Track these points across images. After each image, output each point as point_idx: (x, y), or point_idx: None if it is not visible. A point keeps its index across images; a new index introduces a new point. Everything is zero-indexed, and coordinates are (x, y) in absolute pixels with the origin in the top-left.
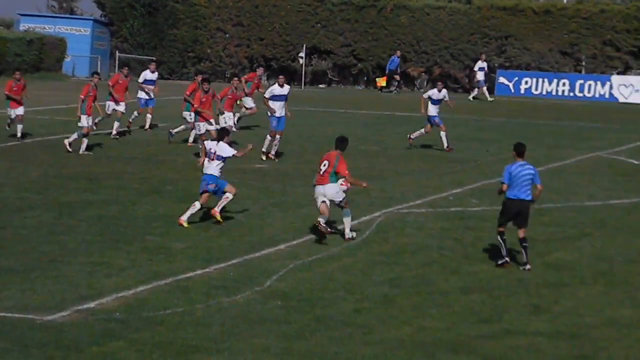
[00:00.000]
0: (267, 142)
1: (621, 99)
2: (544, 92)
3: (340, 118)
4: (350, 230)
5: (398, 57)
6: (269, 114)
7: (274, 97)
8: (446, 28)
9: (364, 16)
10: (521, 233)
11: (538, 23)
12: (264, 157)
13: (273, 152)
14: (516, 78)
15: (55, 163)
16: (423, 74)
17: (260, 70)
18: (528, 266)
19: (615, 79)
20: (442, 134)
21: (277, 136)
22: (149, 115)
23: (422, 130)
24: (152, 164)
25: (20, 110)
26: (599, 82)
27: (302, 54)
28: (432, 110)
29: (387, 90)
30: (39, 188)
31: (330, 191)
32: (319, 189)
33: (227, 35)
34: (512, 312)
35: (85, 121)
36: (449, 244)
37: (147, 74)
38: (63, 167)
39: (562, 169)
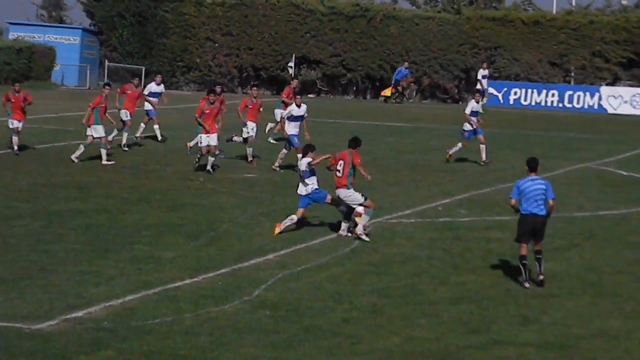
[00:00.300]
0: (281, 156)
1: (610, 110)
2: (533, 103)
3: (329, 128)
4: (364, 230)
5: (405, 68)
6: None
7: (292, 118)
8: (435, 38)
9: (353, 26)
10: (537, 246)
11: (527, 34)
12: (276, 167)
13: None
14: (505, 89)
15: (45, 172)
16: (412, 84)
17: (294, 83)
18: (542, 277)
19: (604, 90)
20: (460, 145)
21: (285, 151)
22: (142, 125)
23: (459, 145)
24: (141, 173)
25: (20, 125)
26: (588, 93)
27: (292, 64)
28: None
29: (396, 101)
30: (28, 197)
31: (345, 194)
32: (338, 192)
33: (217, 45)
34: (500, 323)
35: (102, 131)
36: (438, 254)
37: (152, 87)
38: (52, 176)
39: (551, 180)
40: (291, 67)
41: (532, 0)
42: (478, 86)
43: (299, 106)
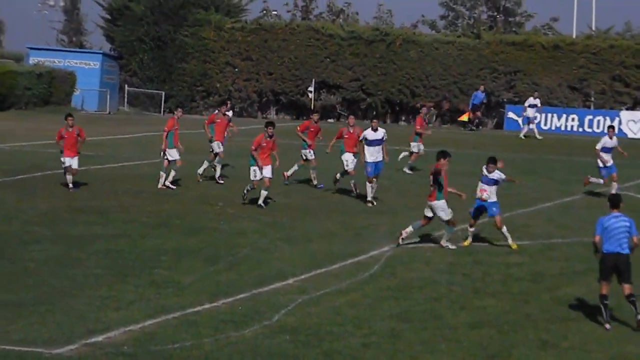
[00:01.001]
0: (368, 189)
1: (630, 135)
2: (553, 127)
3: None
4: (447, 241)
5: (482, 92)
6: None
7: (368, 142)
8: (455, 63)
9: (372, 50)
10: (626, 290)
11: (547, 58)
12: (369, 204)
13: (370, 197)
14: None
15: (64, 196)
16: (432, 108)
17: (424, 109)
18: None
19: (624, 114)
20: (601, 181)
21: (374, 180)
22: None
23: (600, 180)
24: (161, 197)
25: (74, 162)
26: (607, 118)
27: (311, 88)
28: (606, 159)
29: (470, 127)
30: (48, 221)
31: (437, 206)
32: (430, 204)
33: (236, 70)
34: (520, 347)
35: (177, 154)
36: (458, 278)
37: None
38: (72, 201)
39: (571, 205)
40: (311, 91)
41: (552, 24)
42: (525, 114)
43: (374, 130)
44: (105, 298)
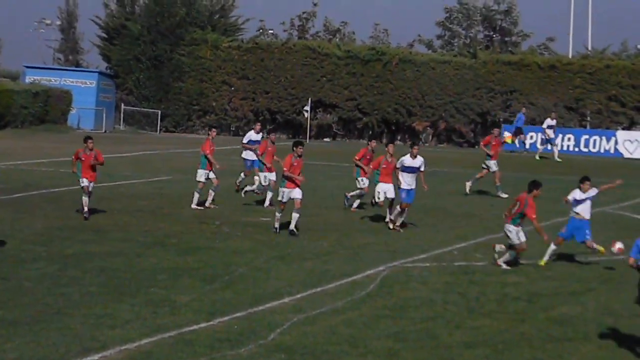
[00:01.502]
0: (395, 212)
1: (626, 154)
2: (549, 147)
3: (345, 172)
4: (504, 263)
5: (523, 114)
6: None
7: (405, 169)
8: (451, 82)
9: (369, 70)
10: None
11: (543, 78)
12: (390, 226)
13: (399, 223)
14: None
15: (60, 215)
16: (428, 128)
17: (496, 131)
18: None
19: (621, 134)
20: None
21: (405, 208)
22: (256, 178)
23: None
24: (157, 216)
25: (90, 183)
26: (604, 137)
27: (307, 108)
28: None
29: (516, 149)
30: (44, 240)
31: (508, 229)
32: (505, 225)
33: (233, 89)
34: None
35: (203, 177)
36: (453, 298)
37: (252, 135)
38: (68, 219)
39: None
40: (307, 110)
41: (548, 44)
42: (545, 135)
43: (413, 157)
44: (101, 317)
